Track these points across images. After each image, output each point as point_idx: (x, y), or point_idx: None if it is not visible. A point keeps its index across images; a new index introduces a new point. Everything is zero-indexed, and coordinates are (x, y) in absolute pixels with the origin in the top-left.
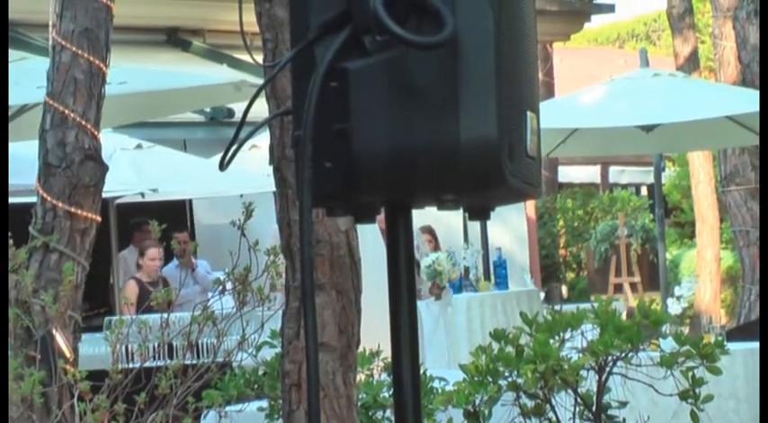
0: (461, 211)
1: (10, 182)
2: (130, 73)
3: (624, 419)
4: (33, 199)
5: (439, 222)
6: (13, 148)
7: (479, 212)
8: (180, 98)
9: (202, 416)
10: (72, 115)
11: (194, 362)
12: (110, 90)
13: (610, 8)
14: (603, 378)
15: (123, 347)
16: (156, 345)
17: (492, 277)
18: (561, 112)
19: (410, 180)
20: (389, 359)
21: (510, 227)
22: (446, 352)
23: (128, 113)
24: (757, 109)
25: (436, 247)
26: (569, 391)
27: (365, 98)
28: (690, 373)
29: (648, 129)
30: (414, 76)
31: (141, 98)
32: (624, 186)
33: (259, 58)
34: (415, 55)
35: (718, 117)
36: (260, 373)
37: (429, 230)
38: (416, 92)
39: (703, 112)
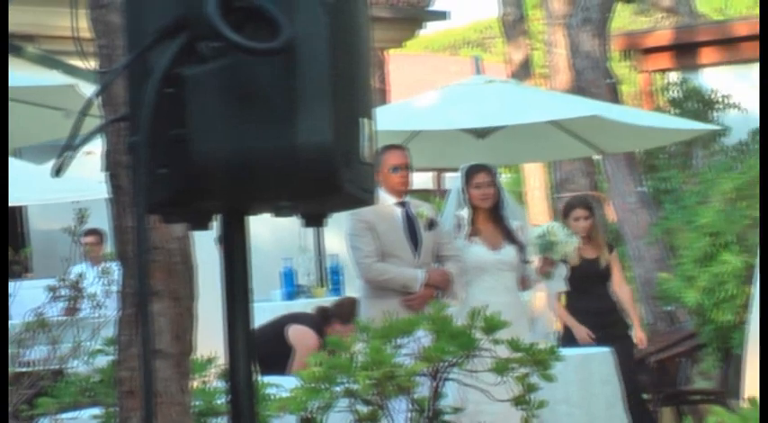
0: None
1: None
2: None
3: None
4: None
5: (276, 228)
6: None
7: (315, 219)
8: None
9: None
10: None
11: (27, 369)
12: None
13: (443, 15)
14: (438, 384)
15: None
16: None
17: (327, 283)
18: (396, 117)
19: (247, 186)
20: (225, 366)
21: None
22: None
23: None
24: (588, 114)
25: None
26: (404, 397)
27: (202, 104)
28: (524, 380)
29: (482, 134)
30: (250, 83)
31: None
32: None
33: (95, 64)
34: (252, 61)
35: (550, 128)
36: (94, 380)
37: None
38: (253, 98)
39: (536, 116)
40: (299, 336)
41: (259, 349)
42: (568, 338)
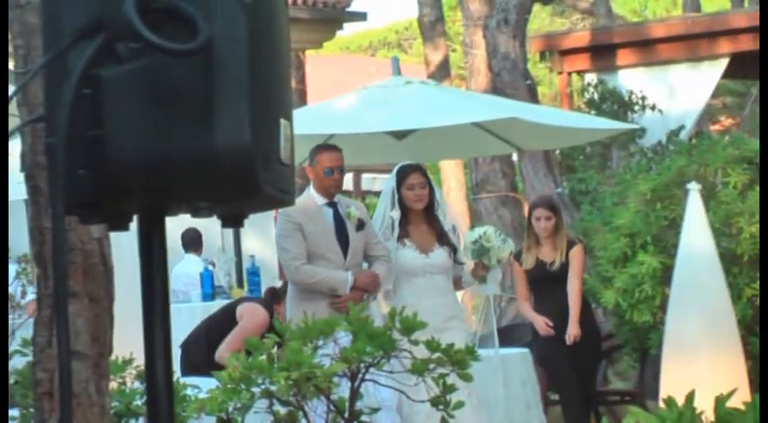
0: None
1: None
2: None
3: None
4: None
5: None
6: None
7: (233, 220)
8: None
9: None
10: None
11: None
12: None
13: (362, 16)
14: (356, 385)
15: None
16: None
17: (245, 284)
18: (314, 120)
19: (164, 187)
20: (142, 367)
21: (263, 234)
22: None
23: None
24: (507, 116)
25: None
26: (322, 397)
27: (120, 105)
28: (441, 380)
29: (400, 136)
30: (169, 83)
31: None
32: (377, 193)
33: (11, 64)
34: (170, 62)
35: (469, 126)
36: (11, 381)
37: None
38: (171, 99)
39: (454, 119)
40: (248, 310)
41: (213, 334)
42: (533, 334)
